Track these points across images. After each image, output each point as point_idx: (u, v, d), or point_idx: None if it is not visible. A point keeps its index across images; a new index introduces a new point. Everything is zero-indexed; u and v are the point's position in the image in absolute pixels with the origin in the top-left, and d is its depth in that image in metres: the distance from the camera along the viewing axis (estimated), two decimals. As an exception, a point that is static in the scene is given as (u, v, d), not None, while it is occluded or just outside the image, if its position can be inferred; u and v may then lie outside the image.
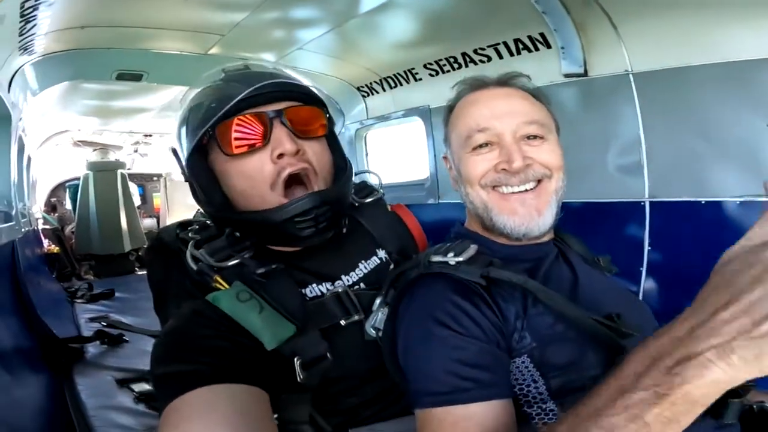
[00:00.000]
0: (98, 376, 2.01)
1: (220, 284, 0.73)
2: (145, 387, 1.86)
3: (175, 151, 0.85)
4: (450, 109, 0.87)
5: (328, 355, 0.72)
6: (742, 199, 1.47)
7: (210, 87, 0.82)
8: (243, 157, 0.76)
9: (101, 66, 2.37)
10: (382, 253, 0.91)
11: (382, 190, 1.01)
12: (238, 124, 0.75)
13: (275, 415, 0.69)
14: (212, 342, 0.67)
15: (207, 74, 0.85)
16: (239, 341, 0.68)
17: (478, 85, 0.84)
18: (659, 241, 1.68)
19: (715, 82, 1.47)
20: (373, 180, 1.05)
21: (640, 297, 1.69)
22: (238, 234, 0.80)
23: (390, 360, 0.71)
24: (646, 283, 1.71)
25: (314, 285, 0.80)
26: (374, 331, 0.75)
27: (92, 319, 2.75)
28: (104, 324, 2.58)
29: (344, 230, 0.89)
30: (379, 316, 0.75)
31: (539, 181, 0.77)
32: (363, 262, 0.87)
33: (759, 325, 0.36)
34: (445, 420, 0.59)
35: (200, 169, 0.81)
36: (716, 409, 0.61)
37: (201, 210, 0.89)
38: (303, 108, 0.80)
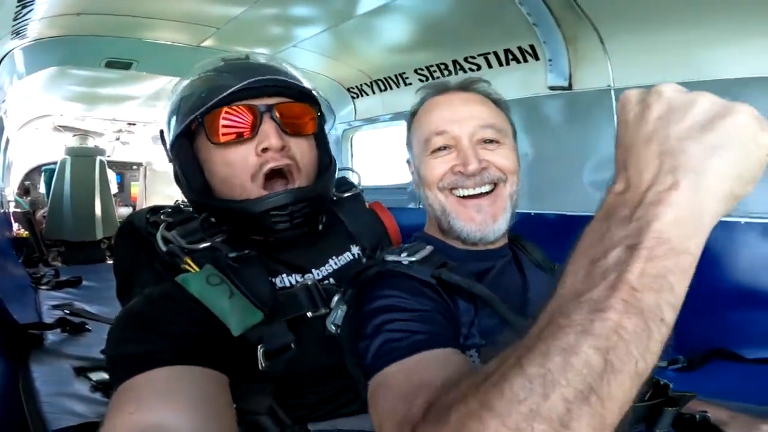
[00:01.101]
0: (56, 363, 1.92)
1: (190, 266, 0.73)
2: (104, 376, 1.78)
3: (162, 133, 0.86)
4: (413, 114, 0.89)
5: (293, 345, 0.72)
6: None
7: (207, 75, 0.82)
8: (228, 146, 0.77)
9: (91, 53, 2.35)
10: (355, 250, 0.92)
11: (360, 187, 1.03)
12: (227, 113, 0.76)
13: (234, 405, 0.68)
14: (176, 326, 0.66)
15: (207, 61, 0.85)
16: (205, 325, 0.67)
17: (440, 89, 0.87)
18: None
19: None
20: (353, 178, 1.06)
21: None
22: (213, 219, 0.80)
23: (349, 358, 0.70)
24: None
25: (284, 276, 0.80)
26: (334, 328, 0.76)
27: (55, 307, 2.63)
28: (67, 312, 2.47)
29: (320, 227, 0.90)
30: (338, 313, 0.75)
31: (495, 185, 0.80)
32: (335, 257, 0.88)
33: (699, 130, 0.35)
34: (398, 374, 0.57)
35: (185, 154, 0.81)
36: (651, 417, 0.62)
37: (181, 201, 0.89)
38: (294, 105, 0.81)
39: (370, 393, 0.59)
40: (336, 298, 0.77)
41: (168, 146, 0.83)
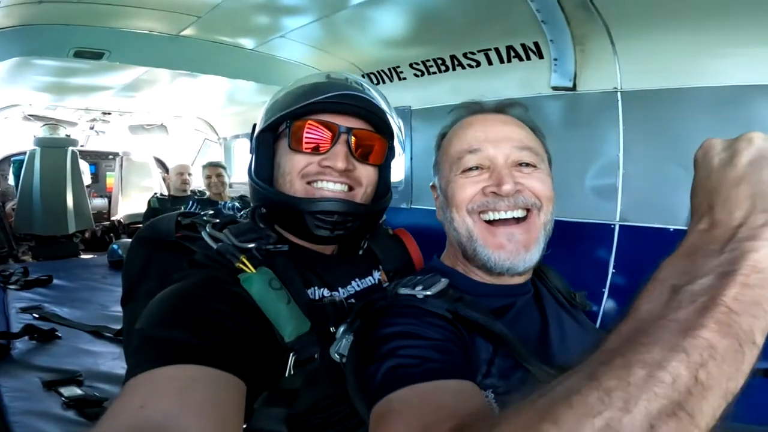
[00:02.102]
0: (24, 376, 1.82)
1: (246, 266, 0.72)
2: (76, 391, 1.70)
3: (254, 127, 0.90)
4: (443, 134, 0.85)
5: (317, 356, 0.73)
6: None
7: (308, 84, 0.86)
8: (301, 153, 0.82)
9: (57, 42, 2.17)
10: (377, 275, 0.92)
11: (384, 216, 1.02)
12: (309, 126, 0.81)
13: (243, 426, 0.66)
14: (217, 317, 0.64)
15: (312, 74, 0.91)
16: (243, 325, 0.65)
17: (474, 110, 0.82)
18: (624, 264, 1.70)
19: (700, 107, 1.49)
20: None
21: (599, 318, 1.71)
22: (264, 210, 0.83)
23: (353, 386, 0.67)
24: (607, 304, 1.73)
25: (315, 288, 0.81)
26: (338, 357, 0.73)
27: (24, 309, 2.51)
28: (36, 316, 2.37)
29: (360, 251, 0.92)
30: (343, 343, 0.72)
31: (528, 211, 0.74)
32: (358, 279, 0.89)
33: None
34: (410, 398, 0.52)
35: (265, 146, 0.86)
36: None
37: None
38: (372, 135, 0.85)
39: (375, 417, 0.54)
40: (342, 328, 0.74)
41: (255, 133, 0.88)
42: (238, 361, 0.61)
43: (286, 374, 0.70)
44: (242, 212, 0.90)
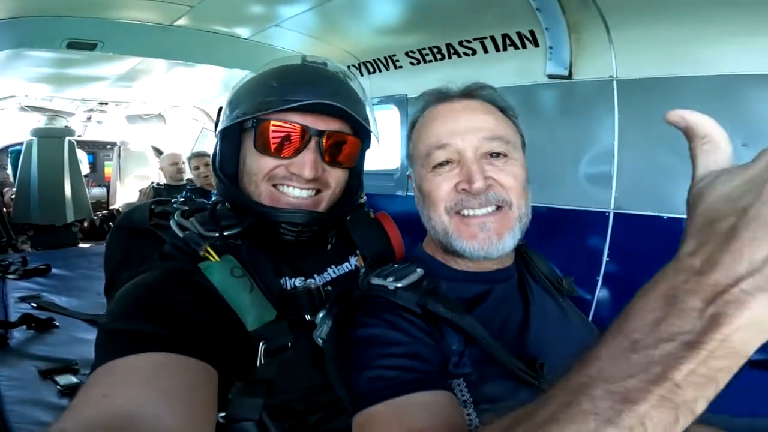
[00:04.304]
0: (20, 365, 1.85)
1: (210, 255, 0.72)
2: (72, 380, 1.73)
3: (220, 110, 0.87)
4: (413, 124, 0.83)
5: (289, 345, 0.72)
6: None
7: (280, 73, 0.82)
8: (268, 156, 0.79)
9: (50, 34, 2.13)
10: (353, 261, 0.93)
11: (365, 197, 1.01)
12: (278, 128, 0.77)
13: (221, 414, 0.68)
14: (181, 306, 0.63)
15: (287, 57, 0.87)
16: (208, 314, 0.65)
17: (441, 97, 0.80)
18: (618, 252, 1.71)
19: (695, 96, 1.48)
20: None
21: (593, 306, 1.73)
22: (228, 205, 0.82)
23: (336, 378, 0.69)
24: (601, 293, 1.75)
25: (287, 278, 0.81)
26: (321, 341, 0.74)
27: (22, 299, 2.53)
28: (34, 306, 2.39)
29: (329, 246, 0.90)
30: (324, 328, 0.74)
31: (500, 208, 0.74)
32: (334, 266, 0.89)
33: None
34: (387, 412, 0.55)
35: (231, 140, 0.83)
36: None
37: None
38: (345, 137, 0.82)
39: (356, 427, 0.58)
40: (321, 314, 0.75)
41: (219, 127, 0.84)
42: (205, 347, 0.60)
43: (257, 364, 0.69)
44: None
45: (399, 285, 0.67)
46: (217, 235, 0.74)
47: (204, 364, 0.58)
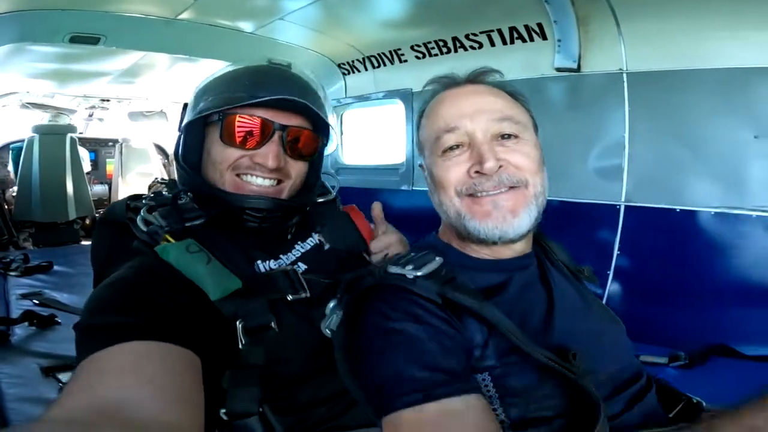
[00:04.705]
0: (22, 362, 1.82)
1: (169, 241, 0.75)
2: None
3: (185, 106, 0.90)
4: (421, 113, 0.81)
5: (273, 325, 0.72)
6: (717, 210, 1.50)
7: (246, 72, 0.86)
8: (233, 147, 0.82)
9: (52, 28, 2.11)
10: (317, 237, 0.95)
11: (335, 192, 1.07)
12: (243, 121, 0.81)
13: (223, 410, 0.68)
14: (152, 296, 0.65)
15: (253, 59, 0.91)
16: (180, 300, 0.66)
17: (448, 84, 0.79)
18: (629, 245, 1.69)
19: (707, 89, 1.47)
20: (334, 181, 1.10)
21: (603, 301, 1.70)
22: (190, 195, 0.84)
23: (345, 370, 0.67)
24: (612, 287, 1.74)
25: (259, 262, 0.83)
26: (330, 332, 0.72)
27: (24, 296, 2.49)
28: (36, 302, 2.36)
29: (289, 236, 0.92)
30: (334, 319, 0.72)
31: (514, 188, 0.71)
32: (300, 242, 0.92)
33: None
34: (420, 420, 0.54)
35: (195, 132, 0.86)
36: None
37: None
38: (306, 133, 0.87)
39: (386, 429, 0.56)
40: (331, 304, 0.73)
41: (184, 122, 0.87)
42: (180, 333, 0.61)
43: (239, 345, 0.69)
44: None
45: (419, 273, 0.65)
46: (176, 227, 0.77)
47: (183, 350, 0.59)
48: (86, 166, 4.64)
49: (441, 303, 0.64)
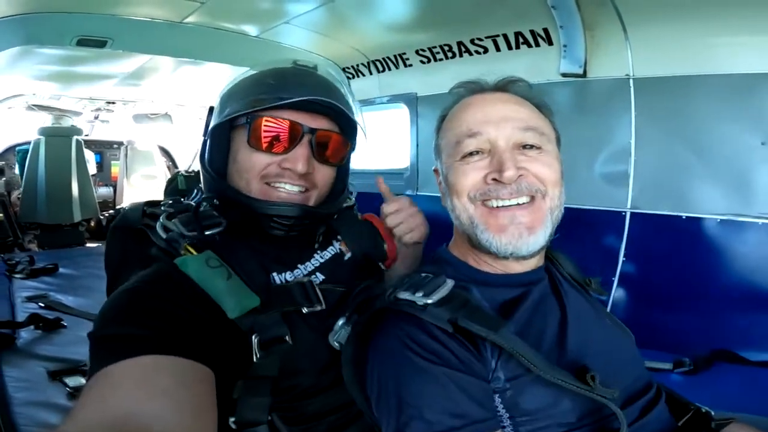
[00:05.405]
0: (28, 366, 1.81)
1: (190, 252, 0.73)
2: (81, 381, 1.67)
3: (211, 109, 0.88)
4: (443, 116, 0.80)
5: (287, 338, 0.71)
6: (723, 218, 1.48)
7: (271, 73, 0.84)
8: (260, 152, 0.80)
9: (60, 31, 2.13)
10: (337, 245, 0.93)
11: (353, 197, 1.04)
12: (271, 124, 0.79)
13: (232, 419, 0.67)
14: (168, 307, 0.64)
15: (278, 59, 0.89)
16: (196, 313, 0.66)
17: (474, 89, 0.78)
18: (635, 252, 1.68)
19: (714, 95, 1.46)
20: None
21: (608, 308, 1.69)
22: (217, 202, 0.82)
23: (354, 387, 0.67)
24: (617, 293, 1.72)
25: (275, 274, 0.81)
26: (338, 345, 0.73)
27: (29, 299, 2.48)
28: (41, 305, 2.35)
29: (316, 245, 0.90)
30: (342, 333, 0.73)
31: (532, 198, 0.70)
32: (319, 252, 0.90)
33: None
34: None
35: (220, 136, 0.83)
36: None
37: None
38: (335, 136, 0.84)
39: None
40: (340, 321, 0.75)
41: (210, 125, 0.84)
42: (194, 346, 0.60)
43: (254, 358, 0.68)
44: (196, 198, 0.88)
45: (429, 301, 0.63)
46: (194, 234, 0.75)
47: (197, 364, 0.59)
48: (91, 169, 4.68)
49: (452, 331, 0.62)
